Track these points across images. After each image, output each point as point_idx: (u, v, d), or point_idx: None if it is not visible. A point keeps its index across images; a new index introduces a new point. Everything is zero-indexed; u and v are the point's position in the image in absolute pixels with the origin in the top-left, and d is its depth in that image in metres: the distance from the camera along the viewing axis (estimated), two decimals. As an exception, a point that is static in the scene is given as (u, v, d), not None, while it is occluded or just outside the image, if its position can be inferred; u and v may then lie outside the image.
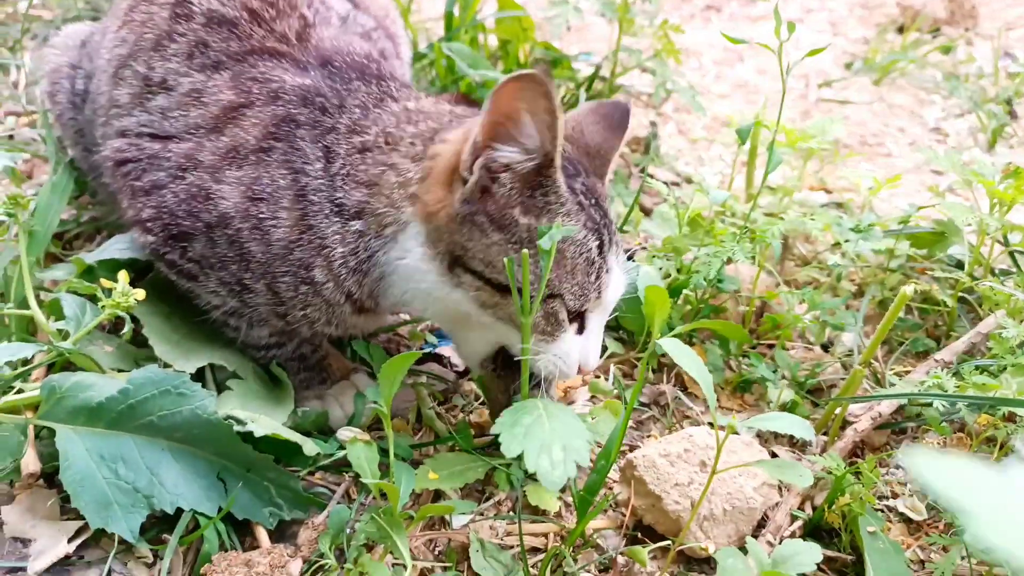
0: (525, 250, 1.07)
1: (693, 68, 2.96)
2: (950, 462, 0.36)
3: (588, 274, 1.12)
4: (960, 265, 1.55)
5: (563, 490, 1.24)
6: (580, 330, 1.17)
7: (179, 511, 1.11)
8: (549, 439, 0.92)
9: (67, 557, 1.12)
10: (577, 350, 1.16)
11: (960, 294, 1.53)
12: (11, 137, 2.09)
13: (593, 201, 1.16)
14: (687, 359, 1.00)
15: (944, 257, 1.62)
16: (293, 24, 1.30)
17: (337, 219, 1.17)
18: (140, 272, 1.38)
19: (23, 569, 1.09)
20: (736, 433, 0.99)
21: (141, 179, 1.23)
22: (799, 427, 0.95)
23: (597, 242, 1.13)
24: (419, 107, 1.24)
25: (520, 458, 1.25)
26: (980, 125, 2.48)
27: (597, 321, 1.18)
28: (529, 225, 1.10)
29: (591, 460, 1.00)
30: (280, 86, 1.22)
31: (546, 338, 1.14)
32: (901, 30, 3.24)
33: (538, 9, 2.20)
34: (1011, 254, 1.52)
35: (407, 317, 1.58)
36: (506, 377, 1.24)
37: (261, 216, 1.17)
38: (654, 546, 1.14)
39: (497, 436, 1.08)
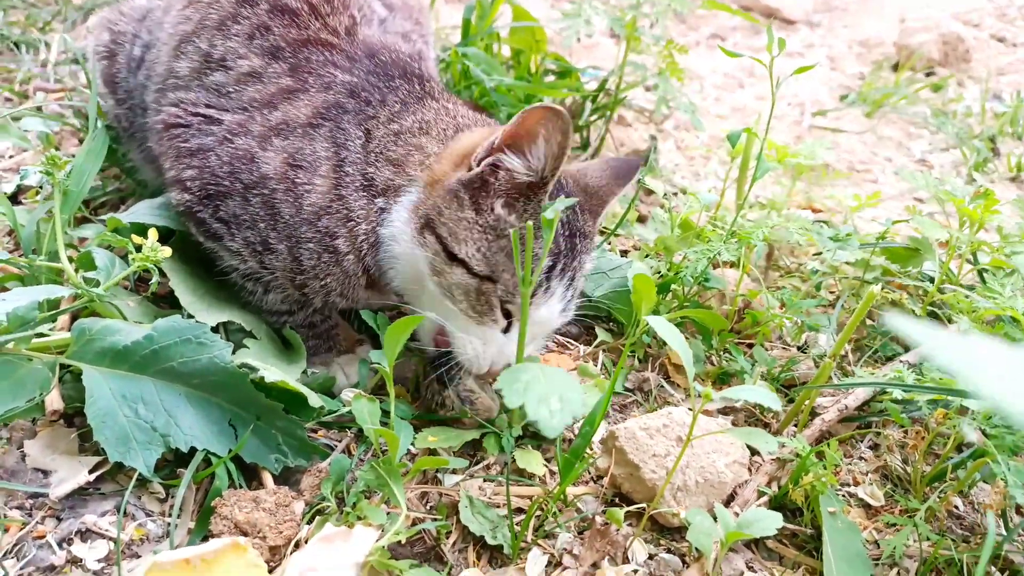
0: (525, 228, 1.18)
1: (695, 91, 3.09)
2: (960, 340, 0.46)
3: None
4: (932, 280, 1.65)
5: (548, 459, 1.34)
6: (506, 330, 1.29)
7: (192, 452, 1.20)
8: (547, 392, 1.01)
9: (85, 488, 1.20)
10: (497, 346, 1.29)
11: (930, 308, 1.63)
12: (39, 109, 2.18)
13: (565, 232, 1.29)
14: (669, 333, 1.10)
15: (917, 273, 1.72)
16: (344, 20, 1.44)
17: (364, 194, 1.31)
18: (163, 237, 1.47)
19: (45, 495, 1.18)
20: (711, 401, 1.08)
21: (189, 142, 1.35)
22: (766, 398, 1.04)
23: (550, 263, 1.27)
24: (456, 108, 1.40)
25: (512, 426, 1.35)
26: (963, 159, 2.60)
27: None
28: (502, 216, 1.24)
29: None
30: (332, 80, 1.36)
31: (474, 319, 1.27)
32: (896, 68, 3.37)
33: (551, 22, 2.31)
34: (979, 272, 1.62)
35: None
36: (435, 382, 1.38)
37: (297, 181, 1.30)
38: (629, 509, 1.23)
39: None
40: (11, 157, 2.02)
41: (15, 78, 2.37)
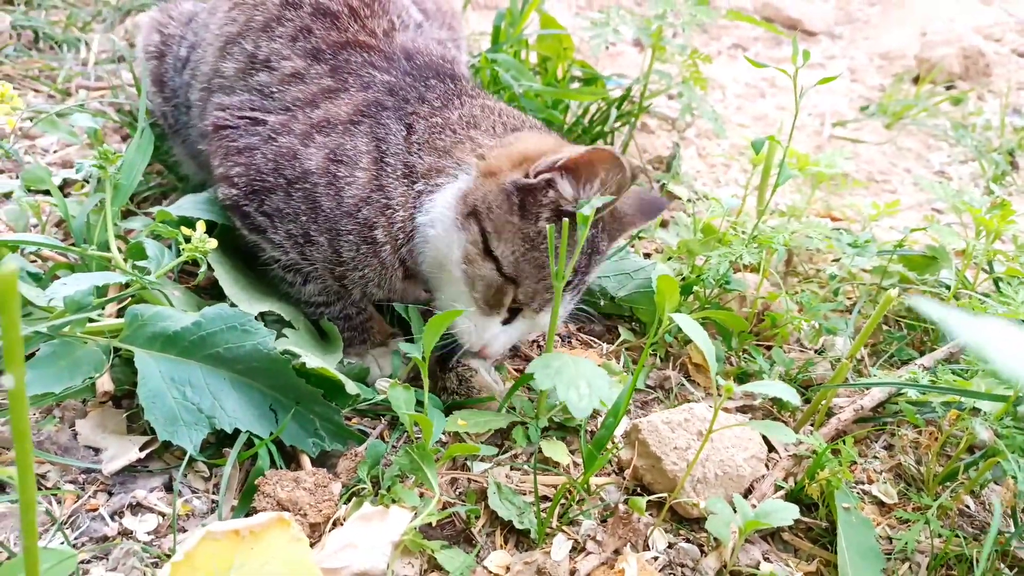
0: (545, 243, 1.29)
1: (717, 100, 3.14)
2: (980, 320, 0.52)
3: (546, 292, 1.36)
4: (949, 288, 1.69)
5: (573, 450, 1.39)
6: (507, 322, 1.40)
7: (235, 434, 1.26)
8: (577, 377, 1.07)
9: (134, 466, 1.27)
10: (491, 334, 1.40)
11: (946, 314, 1.67)
12: (82, 106, 2.26)
13: (587, 250, 1.38)
14: (692, 329, 1.15)
15: (934, 280, 1.77)
16: (383, 24, 1.52)
17: (405, 181, 1.38)
18: (207, 230, 1.54)
19: (97, 471, 1.24)
20: (732, 395, 1.13)
21: (237, 141, 1.43)
22: (784, 391, 1.09)
23: (569, 279, 1.35)
24: (497, 105, 1.49)
25: (538, 417, 1.41)
26: (982, 171, 2.64)
27: (520, 326, 1.41)
28: (542, 230, 1.31)
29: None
30: (371, 79, 1.44)
31: (483, 309, 1.37)
32: (916, 81, 3.41)
33: (577, 30, 2.37)
34: (995, 280, 1.66)
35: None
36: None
37: (338, 175, 1.37)
38: (650, 498, 1.28)
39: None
40: (55, 152, 2.10)
41: (57, 76, 2.45)
